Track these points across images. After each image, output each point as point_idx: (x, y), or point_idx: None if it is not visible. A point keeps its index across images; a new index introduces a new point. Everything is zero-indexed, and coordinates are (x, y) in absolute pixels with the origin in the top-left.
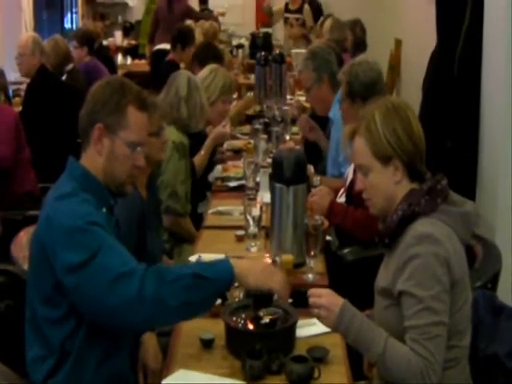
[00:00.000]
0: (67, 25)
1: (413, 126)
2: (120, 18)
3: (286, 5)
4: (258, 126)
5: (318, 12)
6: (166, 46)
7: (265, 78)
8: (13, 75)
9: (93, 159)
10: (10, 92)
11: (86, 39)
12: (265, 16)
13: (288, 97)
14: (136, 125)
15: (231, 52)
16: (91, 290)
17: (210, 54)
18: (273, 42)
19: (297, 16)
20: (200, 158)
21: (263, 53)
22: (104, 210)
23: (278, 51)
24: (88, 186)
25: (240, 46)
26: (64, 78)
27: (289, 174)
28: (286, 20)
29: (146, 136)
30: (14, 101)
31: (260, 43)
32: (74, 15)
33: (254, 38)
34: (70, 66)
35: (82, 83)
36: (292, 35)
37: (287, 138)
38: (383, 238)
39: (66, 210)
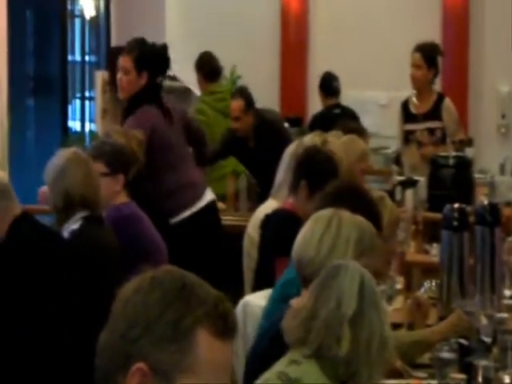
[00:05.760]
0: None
1: None
2: None
3: None
4: (445, 355)
5: None
6: None
7: (460, 256)
8: None
9: None
10: None
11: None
12: None
13: (507, 293)
14: (211, 364)
15: (392, 194)
16: None
17: None
18: (475, 176)
19: None
20: None
21: (457, 205)
22: None
23: (484, 200)
24: None
25: (411, 183)
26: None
27: None
28: None
29: None
30: None
31: (449, 176)
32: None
33: (436, 164)
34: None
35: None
36: None
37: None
38: None
39: None
